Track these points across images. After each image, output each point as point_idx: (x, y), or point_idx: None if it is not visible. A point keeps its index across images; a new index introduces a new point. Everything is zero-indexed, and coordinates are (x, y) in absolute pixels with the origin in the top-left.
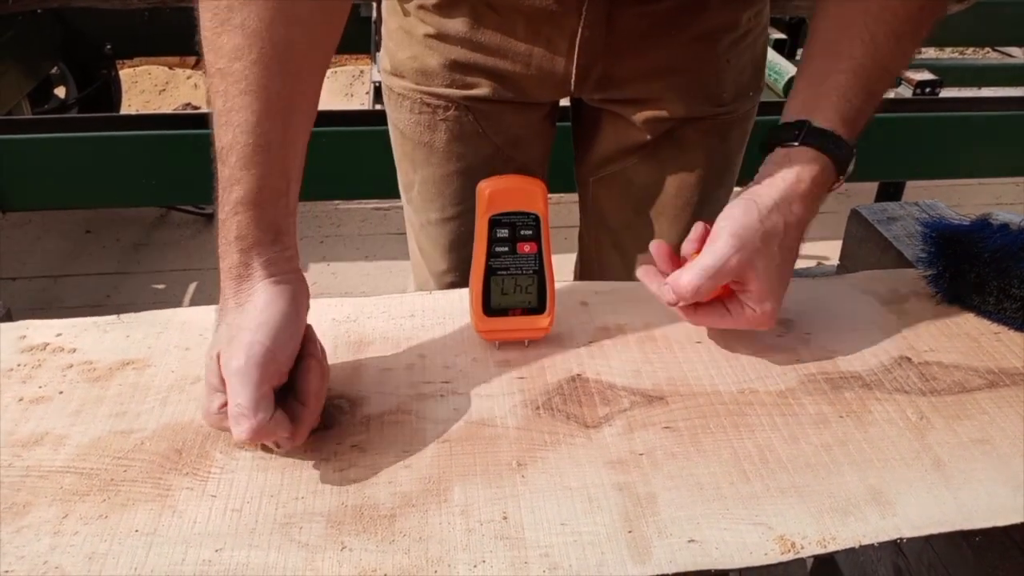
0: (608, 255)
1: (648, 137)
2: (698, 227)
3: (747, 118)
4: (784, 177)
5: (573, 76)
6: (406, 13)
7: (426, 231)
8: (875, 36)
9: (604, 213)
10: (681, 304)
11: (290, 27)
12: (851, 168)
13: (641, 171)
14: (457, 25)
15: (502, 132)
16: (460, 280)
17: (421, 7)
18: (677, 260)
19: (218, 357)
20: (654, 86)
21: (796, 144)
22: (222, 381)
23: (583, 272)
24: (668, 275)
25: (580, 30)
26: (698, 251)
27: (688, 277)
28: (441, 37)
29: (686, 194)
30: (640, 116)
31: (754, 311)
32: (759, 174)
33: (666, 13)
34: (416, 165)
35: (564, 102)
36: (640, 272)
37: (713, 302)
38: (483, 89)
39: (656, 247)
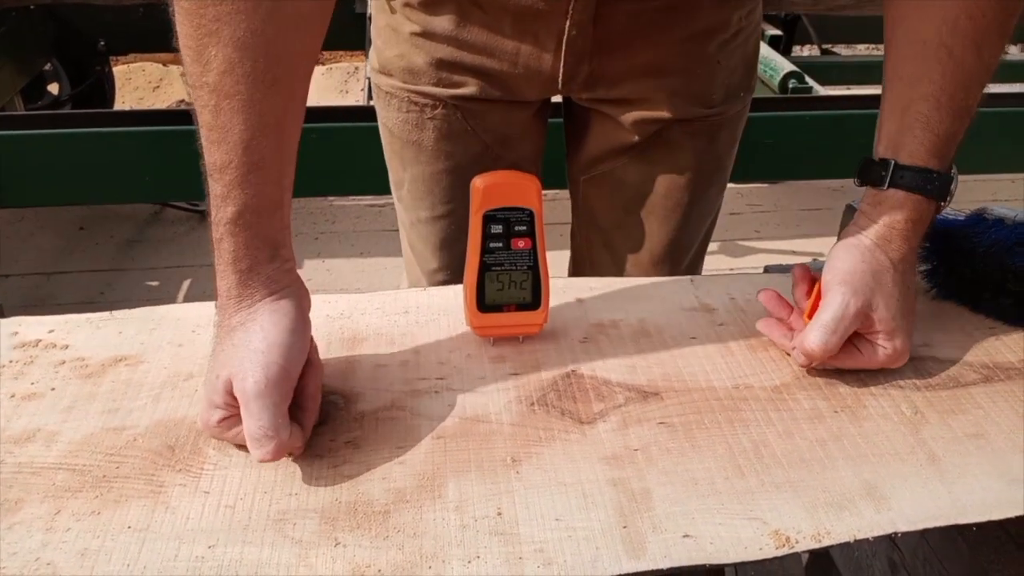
0: (599, 254)
1: (636, 138)
2: (797, 270)
3: (738, 119)
4: (877, 219)
5: (560, 75)
6: (392, 11)
7: (417, 229)
8: (953, 51)
9: (595, 212)
10: (815, 365)
11: (281, 35)
12: (954, 189)
13: (631, 171)
14: (443, 23)
15: (491, 130)
16: (452, 278)
17: (407, 5)
18: (788, 305)
19: (226, 379)
20: (643, 86)
21: (884, 187)
22: (226, 402)
23: (575, 270)
24: (784, 319)
25: (567, 28)
26: (807, 292)
27: (813, 337)
28: (427, 35)
29: (676, 195)
30: (629, 117)
31: (885, 348)
32: (857, 213)
33: (655, 12)
34: (405, 163)
35: (557, 98)
36: (760, 325)
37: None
38: (470, 88)
39: (765, 297)
